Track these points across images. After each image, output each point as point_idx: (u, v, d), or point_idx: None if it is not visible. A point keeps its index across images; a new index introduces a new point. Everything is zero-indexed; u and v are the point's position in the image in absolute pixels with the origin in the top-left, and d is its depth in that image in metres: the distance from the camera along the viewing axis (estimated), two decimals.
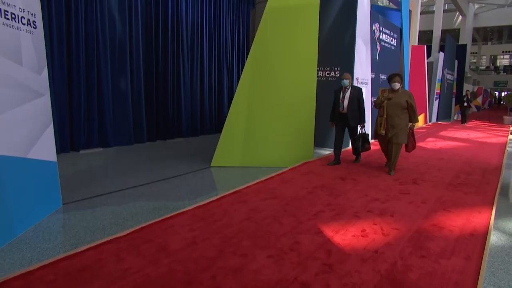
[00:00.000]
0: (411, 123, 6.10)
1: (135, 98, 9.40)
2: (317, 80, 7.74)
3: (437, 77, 18.97)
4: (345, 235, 3.56)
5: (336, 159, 6.91)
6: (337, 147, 6.90)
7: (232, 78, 12.92)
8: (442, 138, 11.94)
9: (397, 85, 5.95)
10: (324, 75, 8.95)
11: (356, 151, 7.01)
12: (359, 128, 6.78)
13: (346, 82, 6.56)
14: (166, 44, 10.16)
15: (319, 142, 8.64)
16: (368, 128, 9.09)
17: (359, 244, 3.37)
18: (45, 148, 4.07)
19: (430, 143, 10.60)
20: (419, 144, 10.26)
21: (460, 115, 19.50)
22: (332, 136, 8.96)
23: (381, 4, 24.60)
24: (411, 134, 6.16)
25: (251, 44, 7.02)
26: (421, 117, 16.77)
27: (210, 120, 12.00)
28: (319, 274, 2.80)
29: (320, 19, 7.28)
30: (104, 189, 5.18)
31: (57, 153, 4.55)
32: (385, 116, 6.00)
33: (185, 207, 4.32)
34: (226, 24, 12.38)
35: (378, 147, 7.25)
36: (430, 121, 18.67)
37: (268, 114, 6.91)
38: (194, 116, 11.28)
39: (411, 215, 4.19)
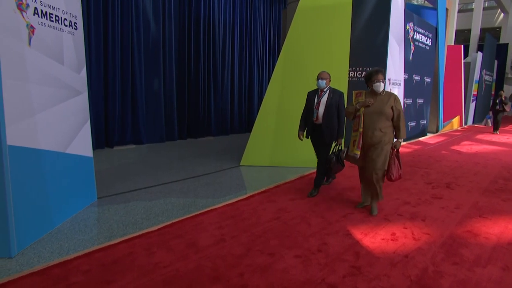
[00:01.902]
0: (396, 140, 4.19)
1: (167, 97, 9.60)
2: (348, 81, 7.63)
3: (475, 78, 18.29)
4: (374, 238, 3.51)
5: (317, 185, 4.96)
6: (321, 167, 4.95)
7: (263, 78, 12.96)
8: (479, 142, 11.50)
9: (381, 86, 4.07)
10: (355, 75, 8.83)
11: (325, 172, 5.05)
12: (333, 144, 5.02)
13: (322, 83, 4.80)
14: (198, 44, 10.32)
15: (347, 142, 8.52)
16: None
17: (389, 247, 3.31)
18: (82, 144, 4.24)
19: (466, 147, 10.23)
20: (454, 147, 9.94)
21: (489, 120, 17.45)
22: None
23: (416, 3, 23.98)
24: (395, 155, 4.18)
25: (282, 44, 7.02)
26: (456, 120, 16.24)
27: (240, 119, 12.10)
28: (347, 277, 2.77)
29: (352, 18, 7.18)
30: (136, 184, 5.33)
31: (93, 149, 4.72)
32: (361, 130, 4.08)
33: (214, 204, 4.38)
34: (257, 24, 12.43)
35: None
36: (465, 123, 18.04)
37: (298, 114, 6.87)
38: (224, 115, 11.40)
39: (444, 220, 4.08)
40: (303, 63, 6.88)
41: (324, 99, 4.80)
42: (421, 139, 11.77)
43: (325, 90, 4.85)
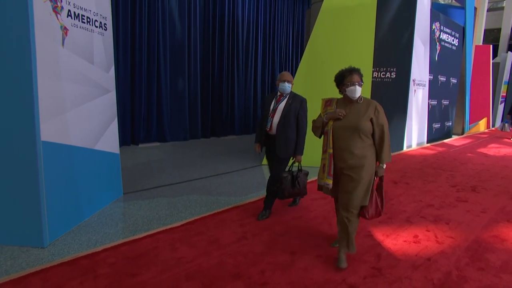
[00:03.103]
0: (378, 163, 2.98)
1: (192, 96, 9.73)
2: (372, 81, 7.55)
3: (504, 79, 17.72)
4: (396, 240, 3.47)
5: (267, 206, 4.03)
6: (272, 186, 4.00)
7: None
8: (507, 145, 11.15)
9: (356, 91, 2.90)
10: (379, 76, 8.72)
11: (275, 194, 3.98)
12: (291, 162, 4.13)
13: (287, 87, 3.94)
14: (222, 44, 10.41)
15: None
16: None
17: (411, 250, 3.27)
18: (110, 140, 4.36)
19: (493, 150, 9.94)
20: (481, 150, 9.68)
21: (506, 124, 15.92)
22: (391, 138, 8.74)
23: (443, 2, 23.40)
24: (378, 186, 3.04)
25: (306, 44, 7.00)
26: (483, 122, 15.78)
27: None
28: (368, 278, 2.76)
29: (377, 18, 7.09)
30: (160, 181, 5.43)
31: (119, 146, 4.84)
32: (330, 151, 2.95)
33: (237, 202, 4.43)
34: (281, 24, 12.43)
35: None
36: (493, 126, 17.50)
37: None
38: (247, 115, 11.45)
39: (469, 224, 3.99)
40: (326, 63, 6.84)
41: (282, 105, 3.92)
42: (445, 141, 11.51)
43: (285, 95, 3.99)
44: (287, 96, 3.98)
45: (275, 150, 3.88)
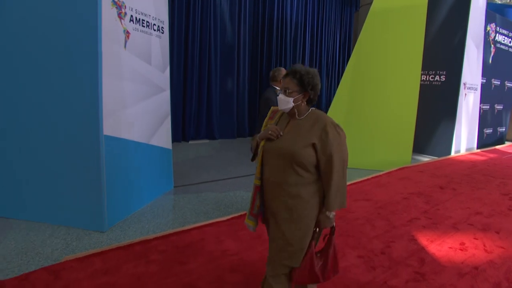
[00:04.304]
0: (326, 211, 1.92)
1: (240, 96, 9.87)
2: (420, 84, 7.27)
3: None
4: (441, 246, 3.33)
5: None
6: None
7: (331, 81, 12.77)
8: None
9: (282, 103, 1.95)
10: (428, 79, 8.37)
11: None
12: None
13: None
14: (270, 46, 10.46)
15: (417, 148, 8.13)
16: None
17: (457, 257, 3.13)
18: (163, 136, 4.54)
19: None
20: None
21: None
22: (434, 141, 8.33)
23: (499, 2, 21.94)
24: (326, 244, 2.04)
25: (353, 46, 6.88)
26: None
27: None
28: (410, 282, 2.67)
29: (427, 19, 6.81)
30: (209, 177, 5.56)
31: (171, 142, 5.01)
32: (256, 182, 2.09)
33: None
34: (328, 26, 12.26)
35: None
36: None
37: (367, 117, 6.71)
38: None
39: None
40: (374, 66, 6.68)
41: None
42: (498, 147, 10.80)
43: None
44: None
45: None
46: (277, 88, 3.62)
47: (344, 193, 1.91)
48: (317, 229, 1.96)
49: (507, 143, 11.85)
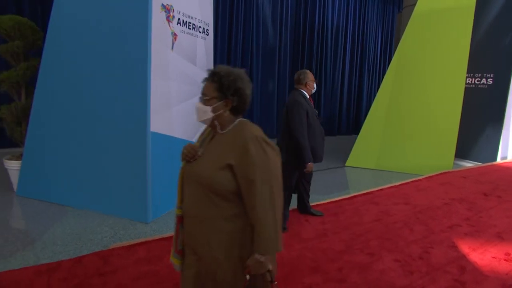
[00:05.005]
0: (255, 253, 1.39)
1: (280, 97, 9.89)
2: (465, 87, 6.92)
3: None
4: (484, 255, 3.17)
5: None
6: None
7: (372, 82, 12.47)
8: None
9: (197, 111, 1.52)
10: (473, 82, 7.94)
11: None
12: None
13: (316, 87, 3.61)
14: (311, 48, 10.39)
15: (460, 152, 7.74)
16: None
17: (501, 267, 2.96)
18: None
19: None
20: None
21: None
22: (478, 146, 7.92)
23: None
24: None
25: (395, 48, 6.69)
26: None
27: (347, 121, 11.84)
28: None
29: (474, 20, 6.48)
30: None
31: None
32: (178, 212, 1.59)
33: (319, 200, 4.41)
34: (370, 28, 11.97)
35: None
36: None
37: (408, 120, 6.50)
38: (332, 117, 11.29)
39: None
40: (416, 68, 6.47)
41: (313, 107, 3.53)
42: None
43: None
44: (310, 98, 3.56)
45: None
46: (303, 91, 3.44)
47: (274, 231, 1.39)
48: (248, 276, 1.44)
49: None
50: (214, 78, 1.48)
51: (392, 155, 6.54)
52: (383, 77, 6.73)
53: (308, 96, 3.47)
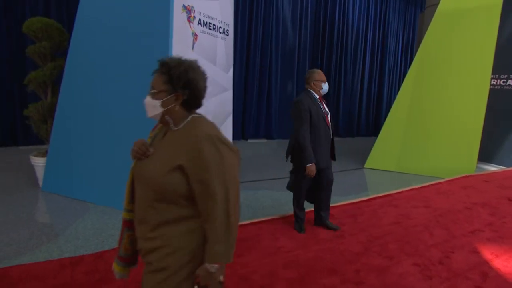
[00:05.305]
0: (206, 263, 1.30)
1: None
2: (489, 89, 6.71)
3: None
4: (508, 262, 3.06)
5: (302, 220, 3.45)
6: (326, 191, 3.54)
7: (393, 84, 12.25)
8: None
9: (152, 106, 1.35)
10: (498, 83, 7.70)
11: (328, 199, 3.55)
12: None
13: (327, 87, 3.40)
14: (330, 48, 10.30)
15: (483, 156, 7.51)
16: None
17: None
18: (225, 134, 4.65)
19: None
20: None
21: None
22: (503, 150, 7.69)
23: None
24: None
25: (417, 49, 6.56)
26: None
27: (367, 123, 11.68)
28: None
29: (501, 18, 6.27)
30: (266, 175, 5.61)
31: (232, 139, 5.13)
32: (125, 216, 1.48)
33: (337, 202, 4.36)
34: (391, 28, 11.77)
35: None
36: None
37: (430, 121, 6.36)
38: (352, 118, 11.16)
39: None
40: (439, 69, 6.32)
41: (326, 108, 3.40)
42: None
43: (322, 96, 3.40)
44: (323, 98, 3.43)
45: (332, 156, 3.55)
46: (311, 91, 3.33)
47: (227, 239, 1.27)
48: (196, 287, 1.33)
49: None
50: (162, 69, 1.36)
51: (413, 157, 6.41)
52: (403, 78, 6.61)
53: (317, 96, 3.32)
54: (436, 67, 6.32)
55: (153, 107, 1.34)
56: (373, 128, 11.68)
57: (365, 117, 11.56)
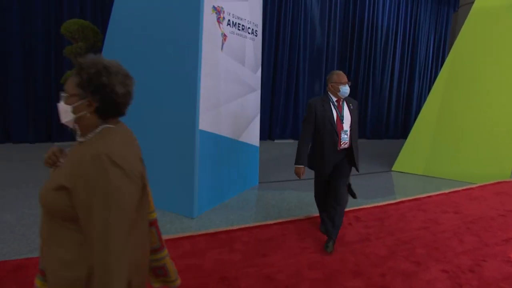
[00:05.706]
0: None
1: None
2: None
3: None
4: None
5: (332, 235, 3.04)
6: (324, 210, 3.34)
7: (423, 85, 11.90)
8: None
9: (67, 111, 1.15)
10: None
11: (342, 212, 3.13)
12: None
13: (348, 90, 3.05)
14: (359, 48, 10.15)
15: None
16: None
17: None
18: (252, 134, 4.68)
19: None
20: None
21: None
22: None
23: None
24: None
25: (449, 50, 6.35)
26: None
27: (395, 125, 11.41)
28: None
29: None
30: (292, 175, 5.56)
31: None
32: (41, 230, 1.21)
33: (363, 204, 4.30)
34: (422, 29, 11.44)
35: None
36: None
37: (462, 124, 6.13)
38: (380, 120, 10.94)
39: None
40: (472, 70, 6.08)
41: (347, 113, 3.10)
42: None
43: (342, 99, 3.11)
44: (345, 101, 3.13)
45: (349, 164, 3.28)
46: (329, 93, 3.09)
47: (108, 277, 1.03)
48: None
49: None
50: (76, 70, 1.16)
51: (443, 161, 6.21)
52: (434, 80, 6.41)
53: (334, 99, 3.07)
54: (469, 68, 6.10)
55: (65, 112, 1.16)
56: (402, 130, 11.40)
57: (394, 119, 11.30)
